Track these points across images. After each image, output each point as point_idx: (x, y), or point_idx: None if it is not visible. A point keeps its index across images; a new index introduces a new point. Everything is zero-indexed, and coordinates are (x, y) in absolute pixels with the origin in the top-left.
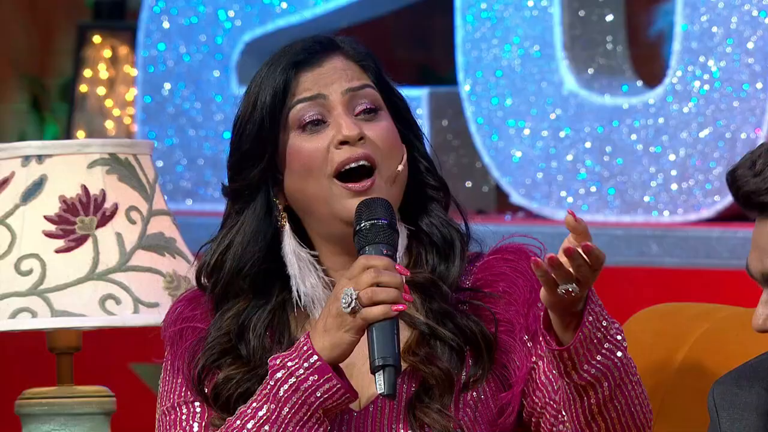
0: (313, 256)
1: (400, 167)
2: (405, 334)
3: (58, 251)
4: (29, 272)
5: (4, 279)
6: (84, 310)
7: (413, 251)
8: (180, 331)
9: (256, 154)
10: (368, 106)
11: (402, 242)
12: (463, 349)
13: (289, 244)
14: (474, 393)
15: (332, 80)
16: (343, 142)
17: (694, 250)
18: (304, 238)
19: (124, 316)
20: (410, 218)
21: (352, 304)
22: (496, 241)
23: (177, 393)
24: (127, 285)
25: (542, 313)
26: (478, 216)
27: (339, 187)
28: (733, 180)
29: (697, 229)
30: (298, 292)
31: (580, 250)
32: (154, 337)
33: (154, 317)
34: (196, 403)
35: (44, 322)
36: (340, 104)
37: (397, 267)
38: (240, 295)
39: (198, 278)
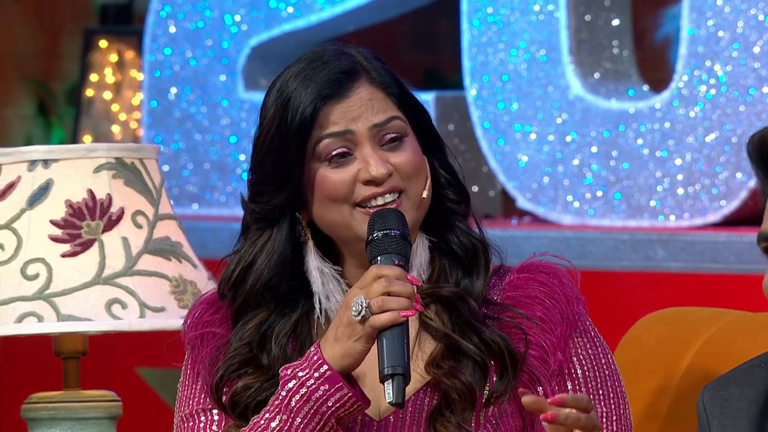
0: (336, 270)
1: (425, 194)
2: (430, 346)
3: (64, 255)
4: (35, 277)
5: (10, 283)
6: (90, 314)
7: (436, 264)
8: (201, 336)
9: (280, 181)
10: (394, 136)
11: (424, 255)
12: (487, 363)
13: (313, 260)
14: (496, 409)
15: (359, 114)
16: (371, 181)
17: (700, 254)
18: (327, 251)
19: (131, 321)
20: (431, 230)
21: (363, 313)
22: (504, 245)
23: (196, 399)
24: (133, 289)
25: None
26: (484, 220)
27: (360, 213)
28: (761, 135)
29: (703, 233)
30: (320, 307)
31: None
32: (161, 341)
33: (160, 322)
34: (215, 411)
35: (50, 326)
36: (367, 139)
37: (408, 277)
38: (262, 305)
39: (219, 289)
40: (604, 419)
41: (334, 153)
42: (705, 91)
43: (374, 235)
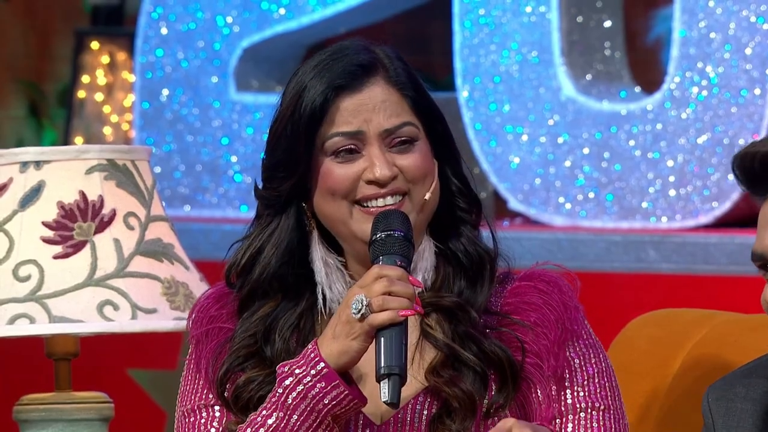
0: (340, 261)
1: (427, 195)
2: (430, 354)
3: (56, 257)
4: (27, 278)
5: (2, 285)
6: (82, 315)
7: (440, 271)
8: (206, 332)
9: (288, 168)
10: (404, 139)
11: (430, 259)
12: (486, 373)
13: (317, 250)
14: (496, 419)
15: (371, 115)
16: (373, 181)
17: (691, 256)
18: (332, 242)
19: (122, 322)
20: (439, 237)
21: (363, 311)
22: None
23: (198, 395)
24: (125, 291)
25: None
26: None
27: (359, 211)
28: (745, 152)
29: (694, 235)
30: (324, 297)
31: None
32: (152, 343)
33: (152, 323)
34: (216, 407)
35: (42, 328)
36: (377, 140)
37: (410, 278)
38: (269, 296)
39: (227, 275)
40: (596, 414)
41: (342, 148)
42: (697, 93)
43: (377, 235)
